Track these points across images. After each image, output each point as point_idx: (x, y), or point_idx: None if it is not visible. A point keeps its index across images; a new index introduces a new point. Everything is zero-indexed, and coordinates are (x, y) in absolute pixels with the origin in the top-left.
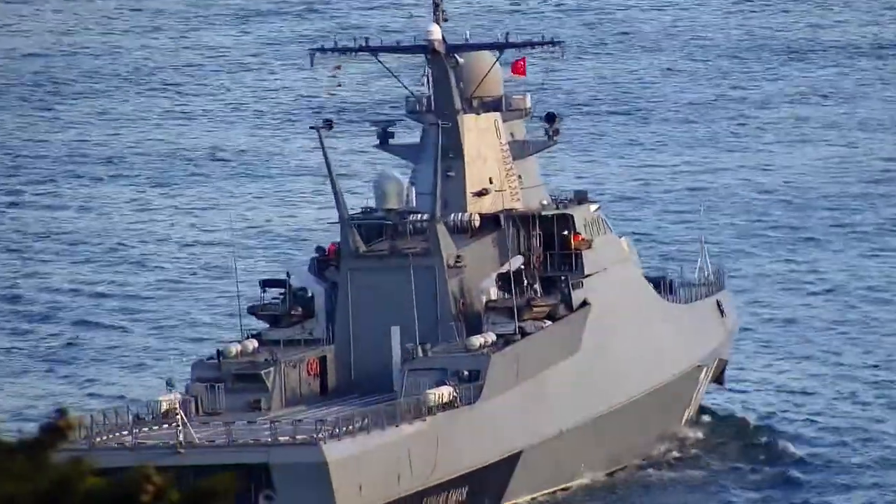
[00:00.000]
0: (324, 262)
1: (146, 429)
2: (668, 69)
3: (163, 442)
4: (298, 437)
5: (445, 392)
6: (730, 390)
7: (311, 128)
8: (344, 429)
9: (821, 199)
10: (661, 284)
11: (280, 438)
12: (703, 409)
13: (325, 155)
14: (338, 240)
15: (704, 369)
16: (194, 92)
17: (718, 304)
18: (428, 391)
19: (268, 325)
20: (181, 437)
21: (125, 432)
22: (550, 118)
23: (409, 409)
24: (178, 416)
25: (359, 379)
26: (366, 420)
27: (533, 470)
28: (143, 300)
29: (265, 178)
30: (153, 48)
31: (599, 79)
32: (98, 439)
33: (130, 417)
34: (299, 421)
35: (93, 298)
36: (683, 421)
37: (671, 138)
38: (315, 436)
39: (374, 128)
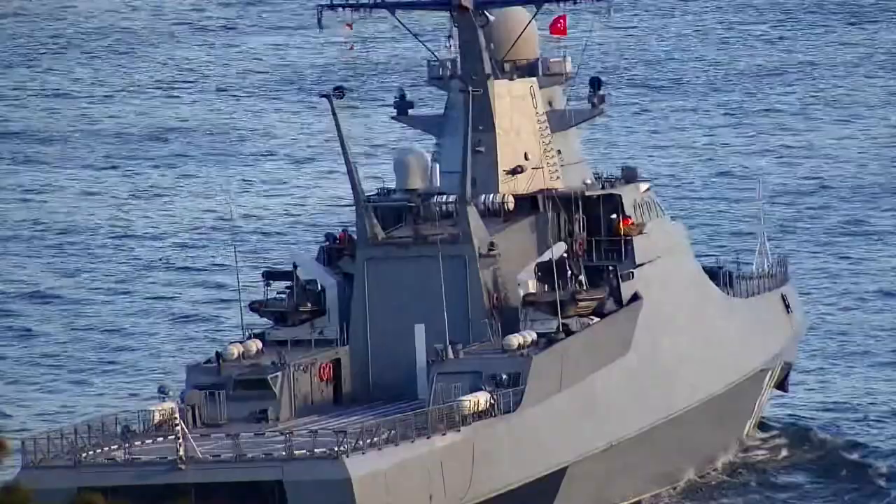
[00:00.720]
0: (335, 252)
1: (138, 442)
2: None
3: (160, 457)
4: (317, 450)
5: (482, 399)
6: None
7: (322, 96)
8: (368, 441)
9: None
10: (717, 276)
11: (295, 452)
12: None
13: (337, 127)
14: (349, 225)
15: (769, 373)
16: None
17: (784, 299)
18: (461, 398)
19: (272, 324)
20: (182, 452)
21: (114, 447)
22: (596, 83)
23: (442, 419)
24: (178, 428)
25: (378, 384)
26: (392, 431)
27: (580, 488)
28: (125, 295)
29: (260, 157)
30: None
31: (642, 43)
32: (84, 455)
33: (119, 429)
34: (316, 432)
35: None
36: (745, 432)
37: (722, 111)
38: (336, 449)
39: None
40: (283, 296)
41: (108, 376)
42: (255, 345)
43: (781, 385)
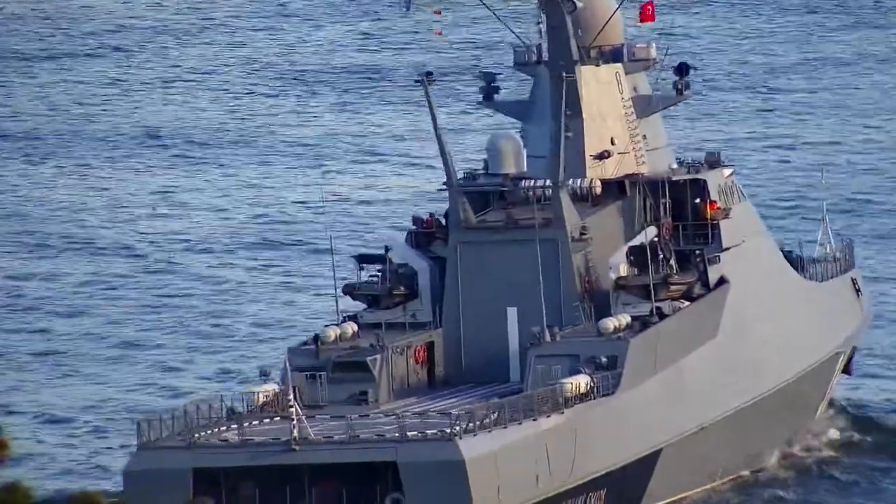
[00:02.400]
0: (423, 235)
1: (246, 424)
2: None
3: (273, 438)
4: (429, 432)
5: (582, 381)
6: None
7: (416, 81)
8: (479, 423)
9: None
10: (789, 261)
11: (408, 434)
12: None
13: (431, 111)
14: (435, 210)
15: (842, 356)
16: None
17: (854, 283)
18: (563, 380)
19: (364, 307)
20: (296, 433)
21: (223, 428)
22: (683, 69)
23: (545, 402)
24: (293, 410)
25: (470, 367)
26: (498, 413)
27: (672, 470)
28: (220, 281)
29: (349, 144)
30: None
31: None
32: (197, 436)
33: (224, 411)
34: (426, 414)
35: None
36: (818, 414)
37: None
38: (449, 431)
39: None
40: (375, 279)
41: (209, 359)
42: (351, 327)
43: (846, 368)
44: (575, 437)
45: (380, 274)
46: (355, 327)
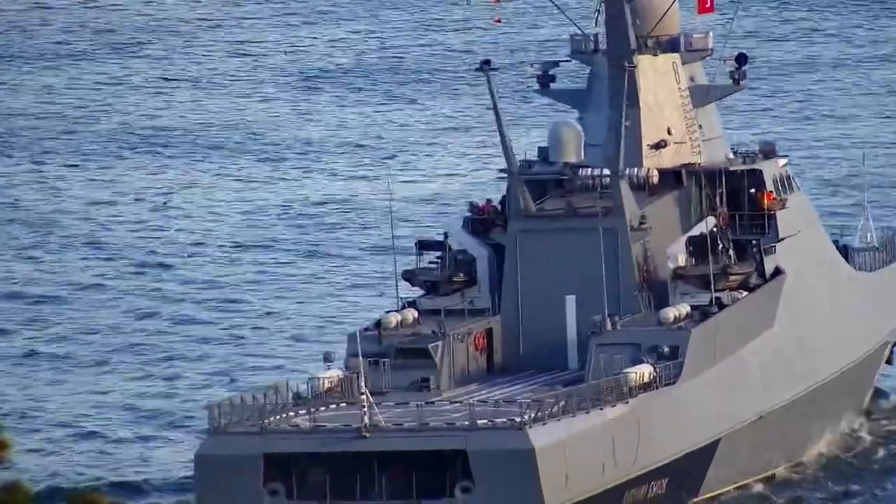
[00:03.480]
0: (480, 222)
1: (313, 409)
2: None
3: (344, 425)
4: (498, 420)
5: (645, 371)
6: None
7: (477, 70)
8: (548, 412)
9: None
10: (837, 250)
11: (478, 422)
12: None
13: (493, 99)
14: (491, 197)
15: (889, 346)
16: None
17: None
18: (627, 370)
19: (423, 293)
20: (366, 420)
21: (291, 413)
22: (742, 60)
23: (610, 391)
24: (364, 396)
25: (528, 354)
26: (565, 402)
27: (731, 459)
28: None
29: (407, 132)
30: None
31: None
32: (268, 421)
33: (290, 397)
34: (497, 402)
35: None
36: (865, 404)
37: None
38: (519, 419)
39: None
40: (434, 265)
41: (269, 345)
42: (412, 314)
43: (888, 358)
44: (639, 427)
45: (439, 260)
46: (416, 313)
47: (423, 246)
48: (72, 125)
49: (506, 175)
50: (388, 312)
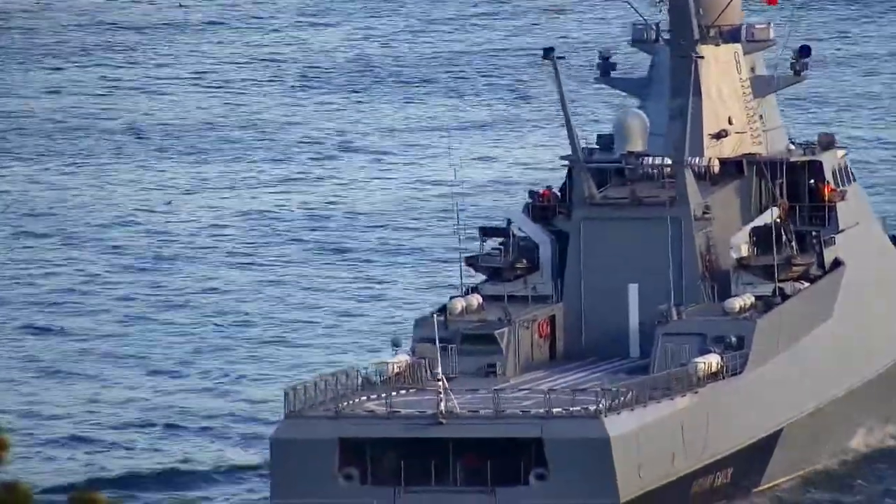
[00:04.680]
0: (541, 209)
1: (383, 394)
2: None
3: (420, 411)
4: (572, 409)
5: (713, 361)
6: None
7: (545, 58)
8: (622, 400)
9: None
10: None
11: (553, 410)
12: None
13: (559, 87)
14: (551, 184)
15: None
16: None
17: None
18: (696, 360)
19: (484, 278)
20: (443, 407)
21: (363, 398)
22: (805, 51)
23: (681, 380)
24: (441, 382)
25: (590, 342)
26: (638, 392)
27: (792, 449)
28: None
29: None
30: None
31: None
32: (343, 405)
33: (360, 382)
34: (573, 391)
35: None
36: None
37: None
38: (595, 408)
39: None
40: (497, 252)
41: (336, 330)
42: (476, 299)
43: None
44: (707, 417)
45: (501, 247)
46: (480, 299)
47: (486, 232)
48: (75, 124)
49: (569, 162)
50: (452, 298)
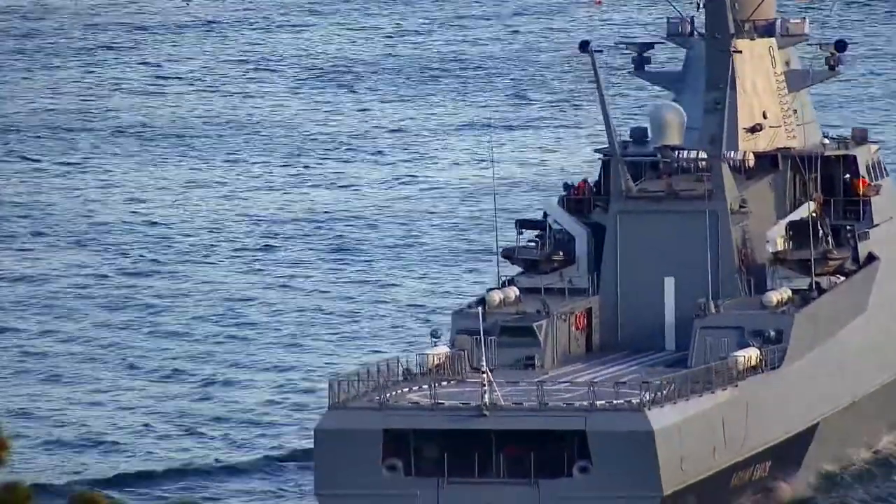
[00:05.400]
0: (576, 202)
1: (426, 386)
2: None
3: (464, 403)
4: (616, 401)
5: (753, 355)
6: None
7: (583, 51)
8: (664, 393)
9: None
10: None
11: (597, 403)
12: None
13: (597, 79)
14: (587, 177)
15: None
16: None
17: None
18: (735, 353)
19: (520, 271)
20: (486, 399)
21: (405, 390)
22: (841, 46)
23: (721, 374)
24: (485, 375)
25: (626, 335)
26: (677, 385)
27: (828, 443)
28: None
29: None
30: None
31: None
32: (388, 396)
33: (401, 373)
34: (618, 383)
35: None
36: None
37: None
38: (638, 401)
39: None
40: (533, 244)
41: (372, 322)
42: (514, 292)
43: None
44: (747, 410)
45: (537, 239)
46: (517, 291)
47: (523, 225)
48: (81, 124)
49: (605, 155)
50: (490, 290)
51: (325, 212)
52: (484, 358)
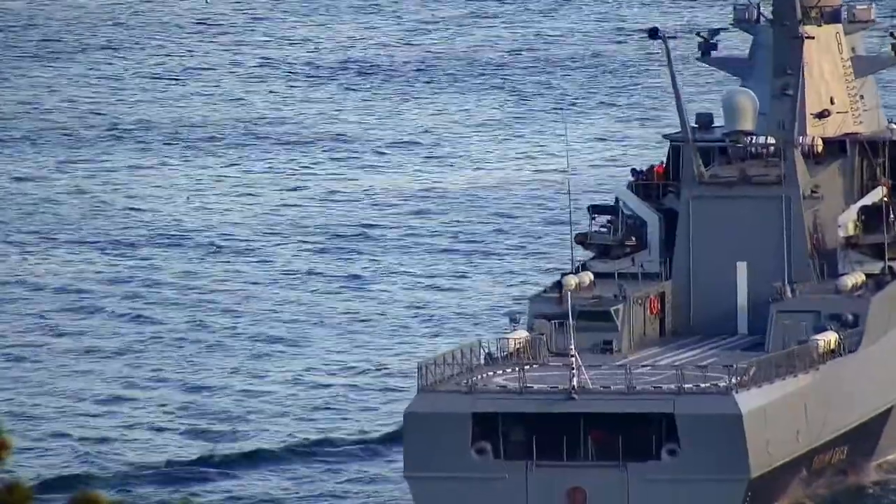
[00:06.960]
0: (645, 188)
1: (509, 370)
2: None
3: (552, 386)
4: (702, 385)
5: (832, 338)
6: None
7: (658, 38)
8: (750, 376)
9: None
10: None
11: (685, 386)
12: None
13: (669, 65)
14: (657, 161)
15: None
16: None
17: None
18: (815, 337)
19: (592, 256)
20: (575, 382)
21: (491, 373)
22: None
23: (802, 358)
24: (573, 359)
25: (698, 319)
26: (762, 369)
27: None
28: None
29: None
30: None
31: None
32: (477, 378)
33: (483, 357)
34: (705, 367)
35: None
36: None
37: None
38: (725, 384)
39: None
40: (605, 229)
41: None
42: (588, 276)
43: None
44: (828, 394)
45: (610, 225)
46: (591, 276)
47: (596, 210)
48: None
49: (675, 141)
50: (565, 275)
51: (395, 203)
52: (572, 341)
